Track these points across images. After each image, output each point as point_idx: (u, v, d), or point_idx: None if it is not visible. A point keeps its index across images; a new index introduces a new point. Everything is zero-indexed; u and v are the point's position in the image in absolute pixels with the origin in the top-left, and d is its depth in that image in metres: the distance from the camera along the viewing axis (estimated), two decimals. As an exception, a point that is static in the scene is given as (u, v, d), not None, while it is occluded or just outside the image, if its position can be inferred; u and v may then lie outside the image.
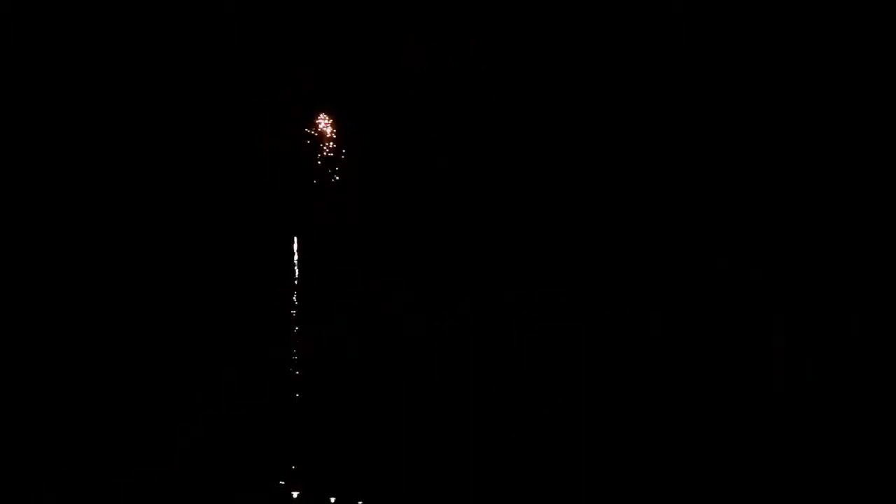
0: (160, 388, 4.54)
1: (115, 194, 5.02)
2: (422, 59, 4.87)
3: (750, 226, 4.78)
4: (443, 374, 4.77)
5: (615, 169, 5.24)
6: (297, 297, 4.76)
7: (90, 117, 4.92)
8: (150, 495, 4.07)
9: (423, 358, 4.76)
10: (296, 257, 4.96)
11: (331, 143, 5.04)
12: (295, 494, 3.64)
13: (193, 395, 4.44)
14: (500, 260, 5.67)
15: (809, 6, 4.36)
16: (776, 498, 3.58)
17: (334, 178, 5.09)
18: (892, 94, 4.39)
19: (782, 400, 3.96)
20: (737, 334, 4.34)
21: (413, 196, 5.14)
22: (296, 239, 4.97)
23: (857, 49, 4.44)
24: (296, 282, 4.83)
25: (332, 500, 3.67)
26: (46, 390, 4.60)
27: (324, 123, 4.89)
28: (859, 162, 4.51)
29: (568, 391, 4.76)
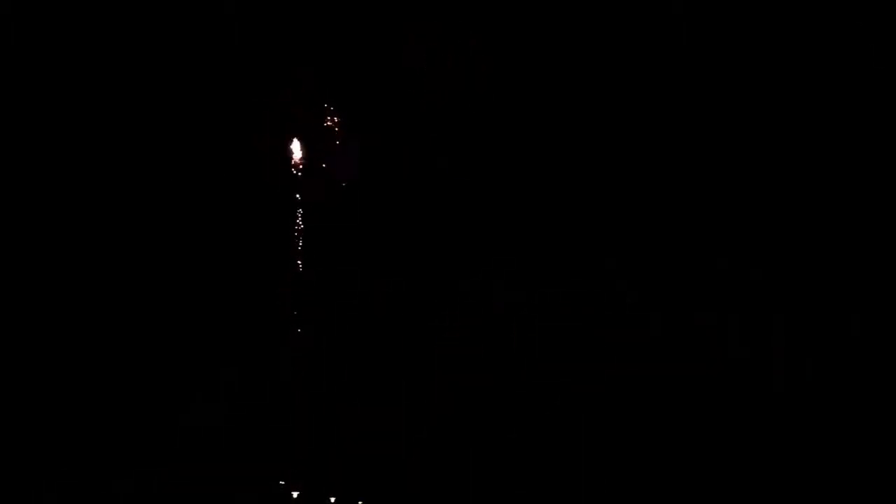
0: (160, 387, 4.55)
1: (115, 195, 5.03)
2: (422, 59, 4.88)
3: (750, 226, 4.79)
4: (443, 374, 4.78)
5: (615, 168, 5.25)
6: (297, 297, 4.76)
7: (89, 117, 4.93)
8: (150, 495, 4.08)
9: (424, 357, 4.77)
10: (296, 257, 4.96)
11: (331, 144, 5.05)
12: (295, 494, 3.63)
13: (193, 395, 4.44)
14: (501, 260, 5.69)
15: (810, 6, 4.36)
16: (776, 498, 3.57)
17: (334, 178, 5.10)
18: (891, 95, 4.39)
19: (782, 400, 3.95)
20: (737, 334, 4.34)
21: (413, 196, 5.15)
22: (296, 239, 4.98)
23: (857, 49, 4.45)
24: (296, 282, 4.83)
25: (332, 500, 3.66)
26: (46, 390, 4.60)
27: (324, 123, 4.90)
28: (859, 162, 4.51)
29: (568, 391, 4.78)
